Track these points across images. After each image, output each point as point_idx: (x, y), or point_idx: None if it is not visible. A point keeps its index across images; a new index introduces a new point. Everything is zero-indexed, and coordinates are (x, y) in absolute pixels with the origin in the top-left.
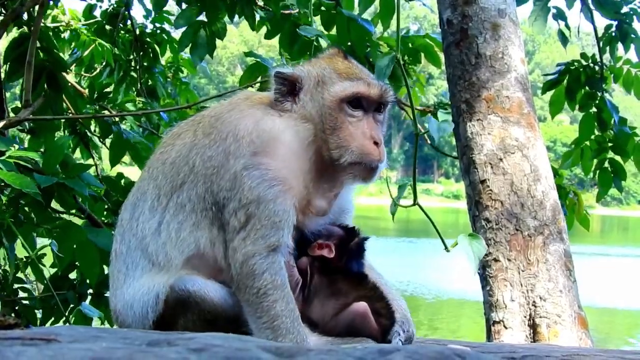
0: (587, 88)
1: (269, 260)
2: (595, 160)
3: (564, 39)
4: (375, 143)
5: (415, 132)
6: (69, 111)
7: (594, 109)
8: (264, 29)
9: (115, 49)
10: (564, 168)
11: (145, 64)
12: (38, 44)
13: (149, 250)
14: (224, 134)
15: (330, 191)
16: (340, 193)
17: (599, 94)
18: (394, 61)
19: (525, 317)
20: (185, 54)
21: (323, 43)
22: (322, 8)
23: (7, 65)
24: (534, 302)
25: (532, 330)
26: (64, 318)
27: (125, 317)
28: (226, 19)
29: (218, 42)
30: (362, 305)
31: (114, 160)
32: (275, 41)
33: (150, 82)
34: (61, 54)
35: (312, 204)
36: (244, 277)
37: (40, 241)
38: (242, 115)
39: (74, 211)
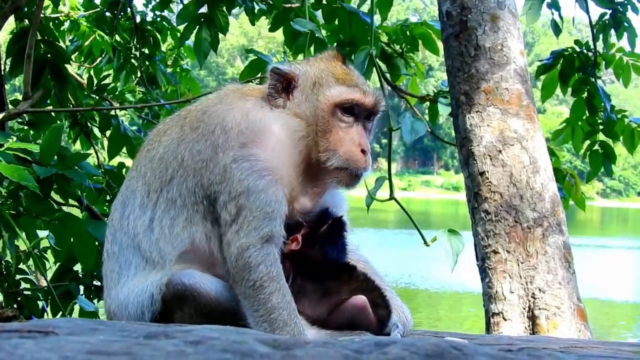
0: (580, 74)
1: (263, 251)
2: (586, 143)
3: (556, 29)
4: (363, 151)
5: (389, 128)
6: (70, 103)
7: (586, 94)
8: (263, 21)
9: (116, 36)
10: (555, 145)
11: (145, 51)
12: (39, 37)
13: (142, 247)
14: (211, 127)
15: (313, 190)
16: (323, 193)
17: (592, 80)
18: (367, 56)
19: (524, 309)
20: (189, 42)
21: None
22: (324, 2)
23: (10, 60)
24: (533, 294)
25: (531, 322)
26: (67, 309)
27: (120, 318)
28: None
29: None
30: (360, 299)
31: (112, 153)
32: (275, 34)
33: (150, 70)
34: (62, 46)
35: (297, 200)
36: (239, 270)
37: (43, 234)
38: (231, 107)
39: (74, 203)
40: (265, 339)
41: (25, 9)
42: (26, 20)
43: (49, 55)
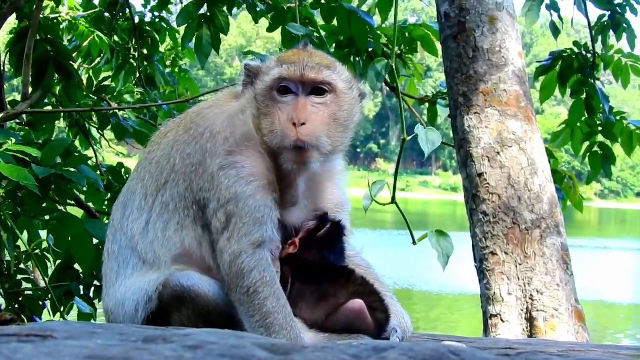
0: (579, 75)
1: (256, 257)
2: (585, 144)
3: (555, 31)
4: (294, 124)
5: (403, 137)
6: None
7: (585, 96)
8: (263, 22)
9: (115, 36)
10: (555, 147)
11: (144, 52)
12: (41, 36)
13: (139, 248)
14: (201, 129)
15: (284, 180)
16: (298, 182)
17: (591, 81)
18: (388, 67)
19: (522, 310)
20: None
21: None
22: (323, 1)
23: (12, 60)
24: (531, 295)
25: (529, 324)
26: (67, 309)
27: (117, 316)
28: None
29: None
30: (357, 303)
31: (120, 136)
32: (273, 34)
33: (149, 71)
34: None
35: (284, 200)
36: (233, 277)
37: (44, 234)
38: (221, 111)
39: (72, 202)
40: (263, 344)
41: (26, 10)
42: (26, 21)
43: (51, 53)
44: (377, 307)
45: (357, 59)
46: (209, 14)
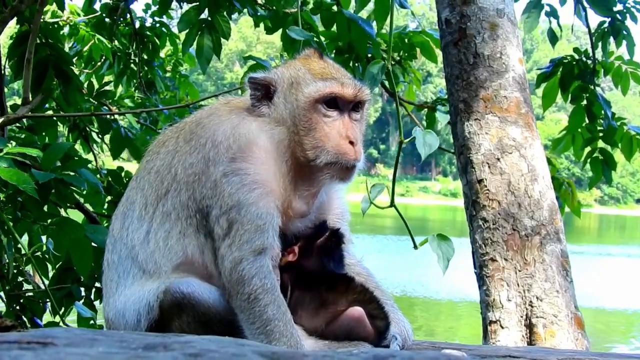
0: (579, 81)
1: (256, 264)
2: (586, 150)
3: (553, 38)
4: (351, 142)
5: (400, 140)
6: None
7: (585, 102)
8: (263, 26)
9: (116, 41)
10: (556, 153)
11: (144, 57)
12: (41, 40)
13: (139, 259)
14: (203, 139)
15: (307, 192)
16: (319, 193)
17: (591, 87)
18: (384, 70)
19: (521, 317)
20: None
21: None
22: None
23: (12, 64)
24: (530, 302)
25: (528, 330)
26: (67, 312)
27: (117, 325)
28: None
29: None
30: (357, 310)
31: (115, 153)
32: (274, 38)
33: (149, 76)
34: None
35: (292, 206)
36: (234, 283)
37: (44, 238)
38: (220, 120)
39: (72, 206)
40: (263, 352)
41: (27, 14)
42: (27, 24)
43: (51, 57)
44: (377, 314)
45: (357, 64)
46: (209, 19)
